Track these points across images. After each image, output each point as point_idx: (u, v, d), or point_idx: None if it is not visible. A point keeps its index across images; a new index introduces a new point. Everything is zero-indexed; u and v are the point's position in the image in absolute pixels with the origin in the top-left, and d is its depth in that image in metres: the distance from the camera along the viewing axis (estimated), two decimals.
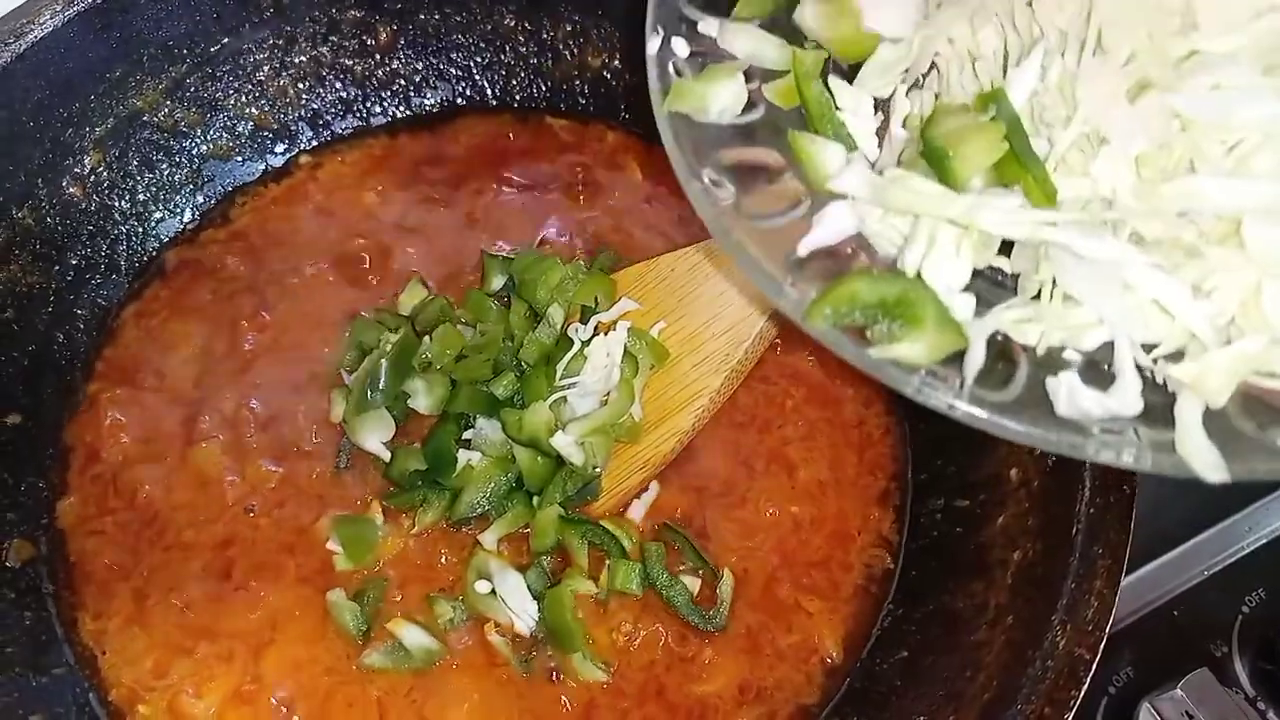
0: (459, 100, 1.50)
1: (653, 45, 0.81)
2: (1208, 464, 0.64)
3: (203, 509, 1.17)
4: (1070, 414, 0.67)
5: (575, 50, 1.46)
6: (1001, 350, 0.71)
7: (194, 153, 1.39)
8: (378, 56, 1.45)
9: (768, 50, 0.85)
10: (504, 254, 1.32)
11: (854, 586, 1.15)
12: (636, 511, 1.18)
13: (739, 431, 1.23)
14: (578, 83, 1.48)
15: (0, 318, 1.21)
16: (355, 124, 1.47)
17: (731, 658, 1.10)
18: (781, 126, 0.83)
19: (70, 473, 1.21)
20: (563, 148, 1.44)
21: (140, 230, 1.35)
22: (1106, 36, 0.72)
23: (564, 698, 1.07)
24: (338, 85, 1.45)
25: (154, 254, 1.36)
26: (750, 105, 0.82)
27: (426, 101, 1.49)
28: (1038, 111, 0.75)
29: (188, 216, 1.39)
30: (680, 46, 0.83)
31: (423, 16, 1.43)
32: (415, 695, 1.07)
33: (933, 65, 0.82)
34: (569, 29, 1.45)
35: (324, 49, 1.42)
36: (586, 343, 1.17)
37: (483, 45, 1.47)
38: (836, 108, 0.82)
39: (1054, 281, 0.71)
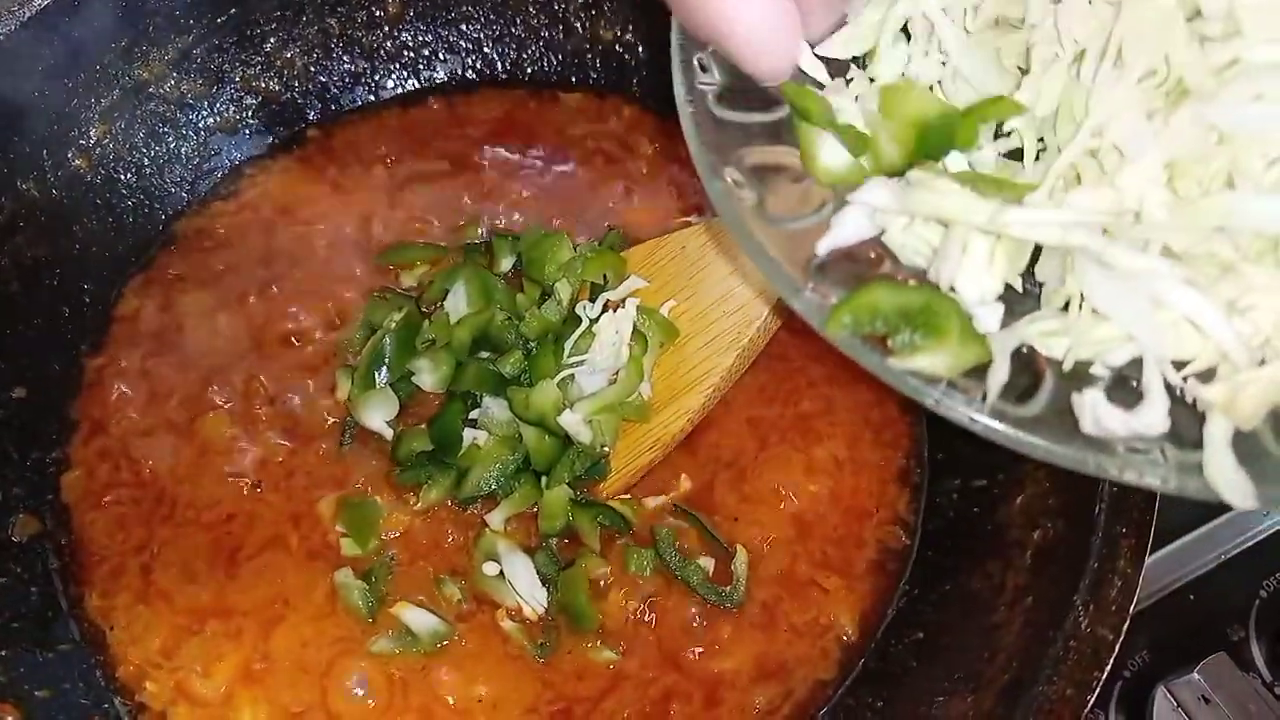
0: (469, 74, 1.48)
1: (677, 38, 0.78)
2: (1236, 489, 0.62)
3: (209, 484, 1.16)
4: (1095, 432, 0.65)
5: (587, 23, 1.44)
6: (1026, 363, 0.69)
7: (200, 125, 1.37)
8: (386, 28, 1.43)
9: None
10: (512, 233, 1.30)
11: (870, 564, 1.14)
12: (656, 501, 1.17)
13: (753, 409, 1.21)
14: (589, 56, 1.46)
15: (5, 291, 1.19)
16: (364, 97, 1.45)
17: (748, 634, 1.09)
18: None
19: (75, 447, 1.19)
20: (575, 122, 1.42)
21: (146, 203, 1.33)
22: (1127, 49, 0.69)
23: (581, 676, 1.06)
24: (346, 58, 1.43)
25: (160, 227, 1.34)
26: (774, 102, 0.79)
27: (436, 75, 1.47)
28: (1046, 122, 0.72)
29: (194, 189, 1.37)
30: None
31: None
32: (429, 675, 1.06)
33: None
34: (581, 1, 1.42)
35: (332, 20, 1.40)
36: (595, 320, 1.16)
37: (493, 17, 1.45)
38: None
39: (1082, 295, 0.68)
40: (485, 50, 1.47)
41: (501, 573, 1.10)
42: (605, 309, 1.17)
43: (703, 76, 0.76)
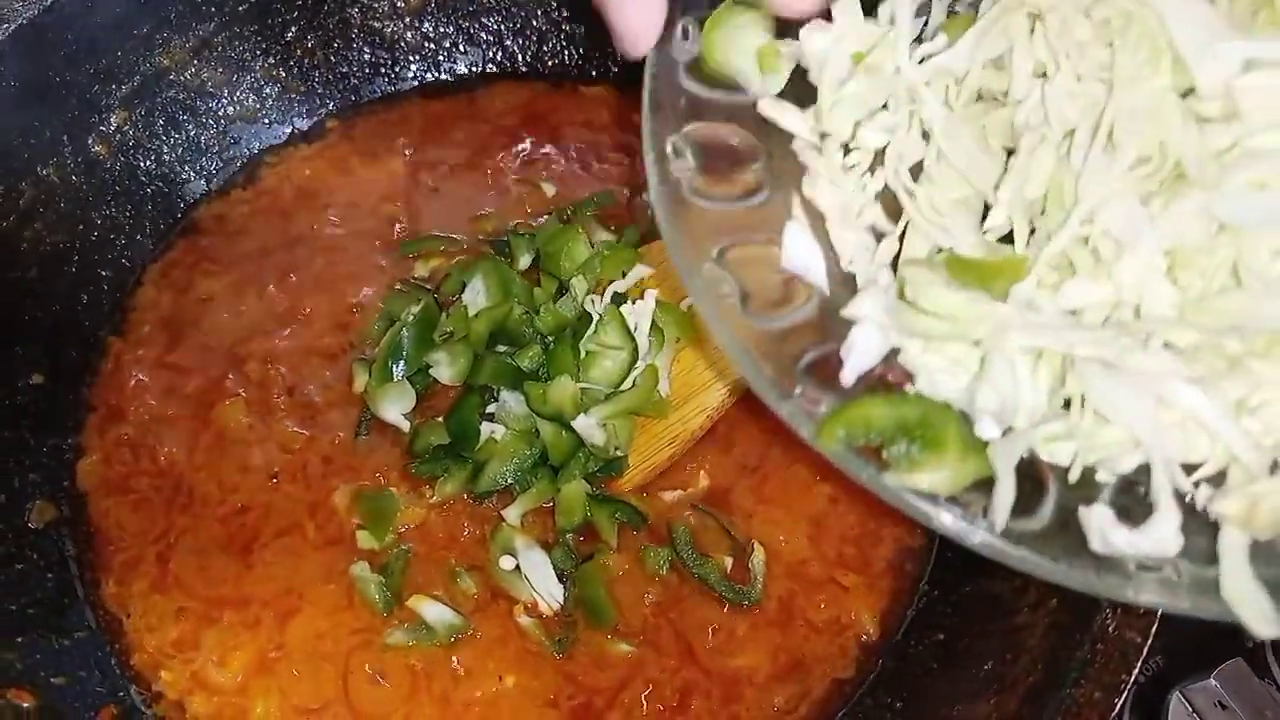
0: (489, 66, 1.47)
1: (648, 125, 0.74)
2: (1255, 612, 0.57)
3: (226, 472, 1.16)
4: (1104, 551, 0.61)
5: None
6: (1028, 470, 0.64)
7: (220, 114, 1.37)
8: (407, 19, 1.43)
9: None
10: (530, 231, 1.29)
11: (889, 563, 1.13)
12: (673, 497, 1.16)
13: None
14: (610, 49, 1.44)
15: (24, 277, 1.19)
16: (384, 87, 1.44)
17: (765, 632, 1.08)
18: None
19: (93, 433, 1.19)
20: (596, 115, 1.42)
21: (166, 190, 1.33)
22: (1119, 131, 0.65)
23: (599, 669, 1.06)
24: (366, 48, 1.43)
25: (179, 215, 1.34)
26: (754, 190, 0.75)
27: (456, 67, 1.46)
28: (1035, 205, 0.69)
29: (214, 178, 1.37)
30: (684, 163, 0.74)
31: None
32: (447, 667, 1.06)
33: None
34: None
35: (353, 10, 1.40)
36: (602, 315, 1.15)
37: (514, 10, 1.44)
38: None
39: (1083, 395, 0.64)
40: (506, 42, 1.46)
41: (518, 567, 1.10)
42: (616, 301, 1.16)
43: (677, 162, 0.72)
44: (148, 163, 1.32)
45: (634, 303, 1.17)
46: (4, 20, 1.12)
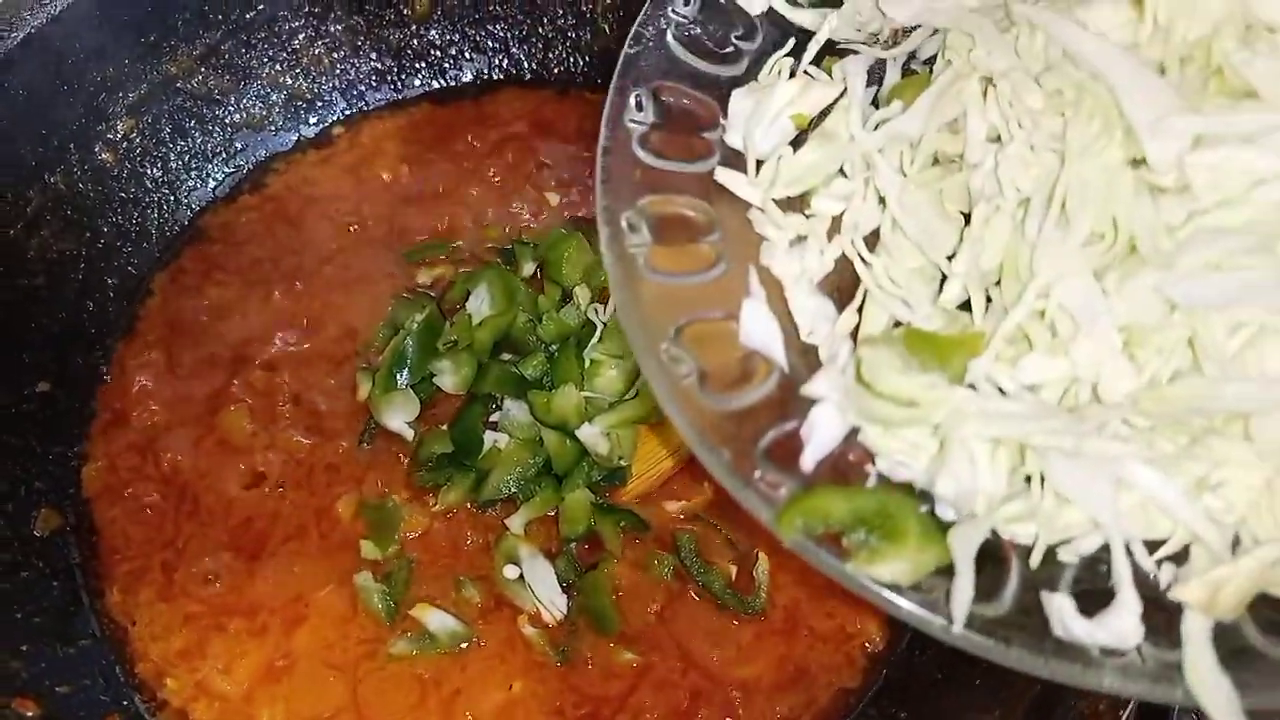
0: (495, 74, 1.47)
1: (602, 201, 0.73)
2: (1218, 702, 0.56)
3: (231, 480, 1.16)
4: (1066, 638, 0.60)
5: (614, 24, 1.43)
6: (990, 550, 0.63)
7: (227, 121, 1.37)
8: (413, 27, 1.43)
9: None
10: (533, 240, 1.29)
11: None
12: (677, 506, 1.16)
13: None
14: (616, 57, 1.44)
15: (31, 284, 1.19)
16: (390, 95, 1.45)
17: (770, 641, 1.08)
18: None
19: (98, 441, 1.19)
20: (597, 120, 1.41)
21: (172, 198, 1.33)
22: (1071, 204, 0.65)
23: (605, 678, 1.06)
24: (373, 55, 1.43)
25: (186, 222, 1.34)
26: (713, 263, 0.73)
27: (463, 74, 1.47)
28: (990, 276, 0.69)
29: (220, 185, 1.37)
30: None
31: None
32: (453, 677, 1.06)
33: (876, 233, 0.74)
34: (608, 2, 1.42)
35: (359, 18, 1.40)
36: (606, 325, 1.15)
37: (520, 17, 1.45)
38: None
39: (1042, 475, 0.64)
40: (512, 50, 1.46)
41: (522, 576, 1.09)
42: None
43: (632, 238, 0.71)
44: (154, 170, 1.32)
45: None
46: (12, 29, 1.13)
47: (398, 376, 1.17)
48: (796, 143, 0.77)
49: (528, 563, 1.10)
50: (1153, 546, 0.62)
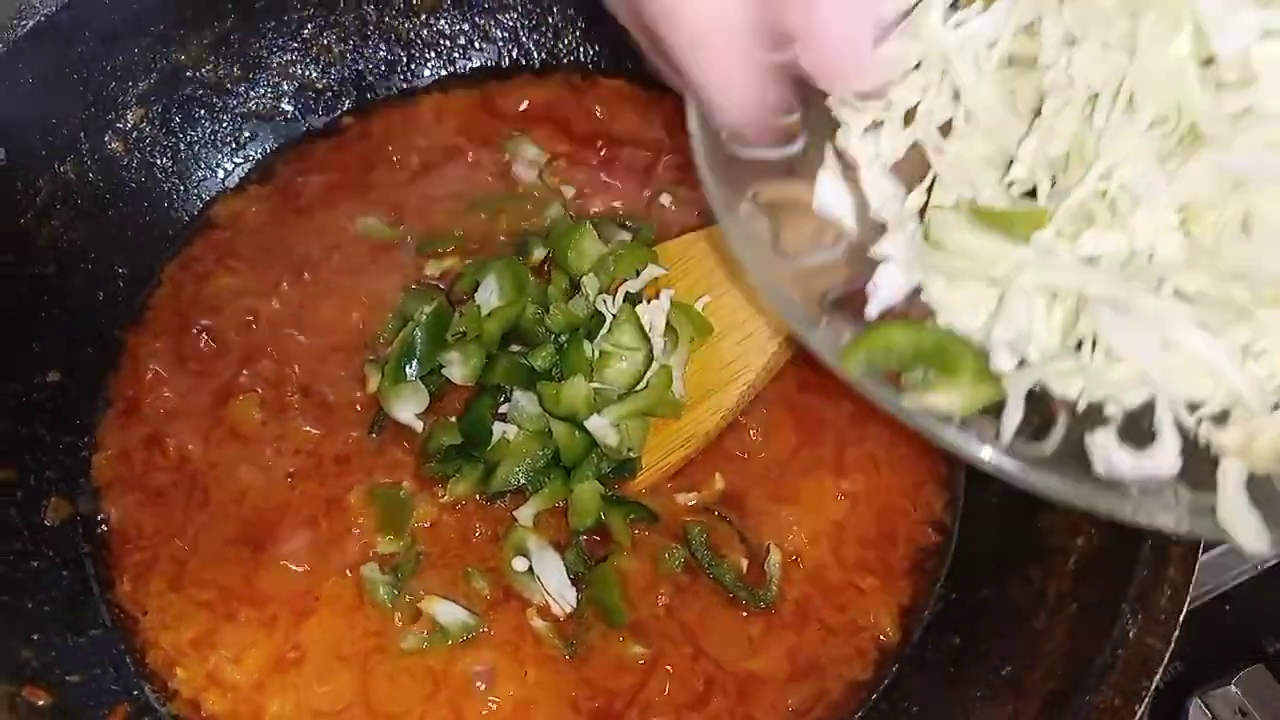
0: (504, 63, 1.47)
1: (693, 110, 0.78)
2: (1248, 531, 0.61)
3: (241, 470, 1.15)
4: (1107, 474, 0.65)
5: None
6: (1039, 402, 0.68)
7: (237, 111, 1.37)
8: (423, 16, 1.43)
9: None
10: (541, 229, 1.29)
11: (906, 565, 1.12)
12: (688, 498, 1.16)
13: (787, 407, 1.20)
14: (626, 46, 1.44)
15: (41, 273, 1.19)
16: (400, 84, 1.44)
17: (781, 634, 1.08)
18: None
19: (109, 430, 1.19)
20: (614, 112, 1.41)
21: (182, 188, 1.33)
22: (1139, 95, 0.68)
23: (616, 671, 1.05)
24: (382, 45, 1.43)
25: (196, 211, 1.34)
26: (788, 138, 0.79)
27: (472, 63, 1.46)
28: (1057, 162, 0.72)
29: (230, 175, 1.37)
30: None
31: None
32: (464, 670, 1.05)
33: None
34: None
35: (369, 7, 1.40)
36: (616, 315, 1.14)
37: (530, 6, 1.44)
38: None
39: (1095, 336, 0.68)
40: (521, 39, 1.46)
41: (531, 569, 1.09)
42: (630, 300, 1.16)
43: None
44: (164, 160, 1.32)
45: (649, 302, 1.16)
46: (22, 17, 1.12)
47: (406, 368, 1.16)
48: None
49: (537, 555, 1.10)
50: (1194, 408, 0.66)
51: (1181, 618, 0.83)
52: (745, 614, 1.08)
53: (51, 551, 1.11)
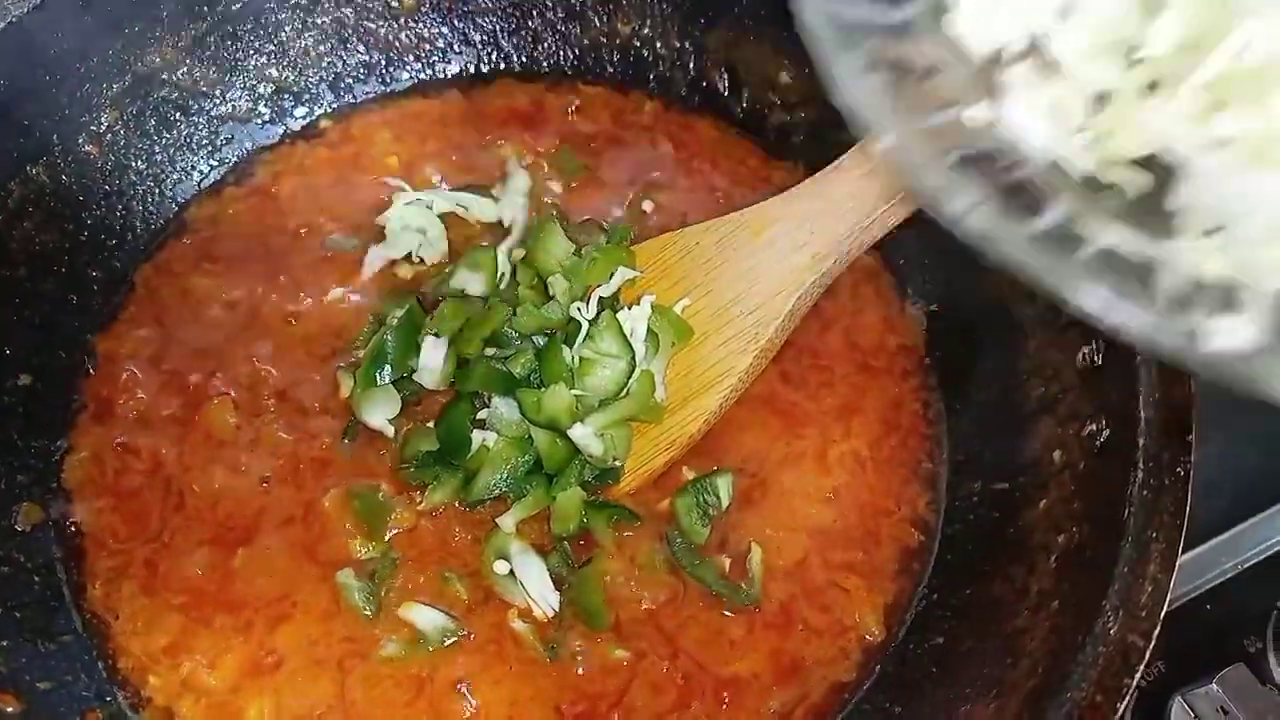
0: (483, 67, 1.46)
1: None
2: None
3: (215, 474, 1.14)
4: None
5: (604, 16, 1.42)
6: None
7: (213, 114, 1.36)
8: (402, 20, 1.42)
9: None
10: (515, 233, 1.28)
11: (889, 565, 1.12)
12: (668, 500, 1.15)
13: (770, 408, 1.19)
14: (606, 50, 1.44)
15: (13, 276, 1.17)
16: (378, 88, 1.43)
17: (763, 634, 1.07)
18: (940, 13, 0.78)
19: (81, 434, 1.17)
20: (593, 116, 1.41)
21: (157, 191, 1.32)
22: None
23: (599, 674, 1.05)
24: (361, 48, 1.42)
25: (171, 215, 1.32)
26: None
27: (450, 67, 1.45)
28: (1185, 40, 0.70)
29: (206, 178, 1.35)
30: None
31: None
32: (445, 674, 1.04)
33: None
34: None
35: (347, 10, 1.39)
36: (593, 320, 1.13)
37: (509, 10, 1.43)
38: None
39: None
40: (501, 43, 1.45)
41: (512, 572, 1.08)
42: (604, 307, 1.14)
43: None
44: (139, 162, 1.30)
45: (630, 308, 1.15)
46: None
47: (378, 374, 1.14)
48: None
49: (518, 559, 1.08)
50: None
51: (1163, 614, 0.82)
52: (728, 615, 1.08)
53: (22, 557, 1.09)
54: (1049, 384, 1.07)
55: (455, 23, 1.43)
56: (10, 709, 0.96)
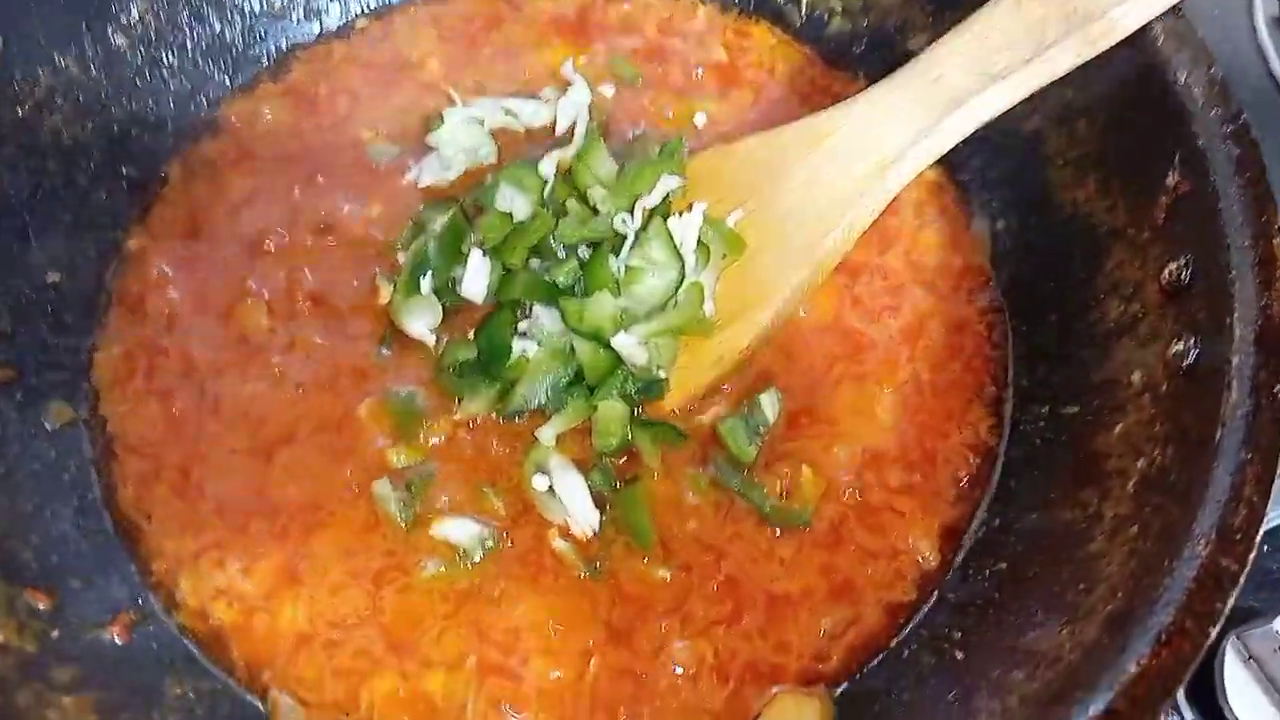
0: None
1: None
2: None
3: (249, 377, 1.10)
4: None
5: None
6: None
7: (246, 9, 1.30)
8: None
9: None
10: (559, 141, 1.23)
11: (947, 490, 1.07)
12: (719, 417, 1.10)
13: (825, 328, 1.14)
14: None
15: (43, 168, 1.13)
16: None
17: (813, 554, 1.03)
18: None
19: (112, 332, 1.14)
20: (646, 22, 1.35)
21: (188, 86, 1.27)
22: None
23: (641, 592, 1.01)
24: None
25: (204, 112, 1.28)
26: None
27: None
28: None
29: (239, 75, 1.30)
30: None
31: None
32: (484, 588, 1.01)
33: None
34: None
35: None
36: (642, 228, 1.09)
37: None
38: None
39: None
40: None
41: (552, 488, 1.04)
42: (652, 217, 1.10)
43: None
44: (170, 57, 1.25)
45: (680, 216, 1.10)
46: None
47: (420, 281, 1.11)
48: None
49: (559, 475, 1.05)
50: None
51: (1258, 538, 0.77)
52: (777, 535, 1.04)
53: (53, 454, 1.06)
54: (1128, 303, 1.01)
55: None
56: (41, 605, 0.94)
